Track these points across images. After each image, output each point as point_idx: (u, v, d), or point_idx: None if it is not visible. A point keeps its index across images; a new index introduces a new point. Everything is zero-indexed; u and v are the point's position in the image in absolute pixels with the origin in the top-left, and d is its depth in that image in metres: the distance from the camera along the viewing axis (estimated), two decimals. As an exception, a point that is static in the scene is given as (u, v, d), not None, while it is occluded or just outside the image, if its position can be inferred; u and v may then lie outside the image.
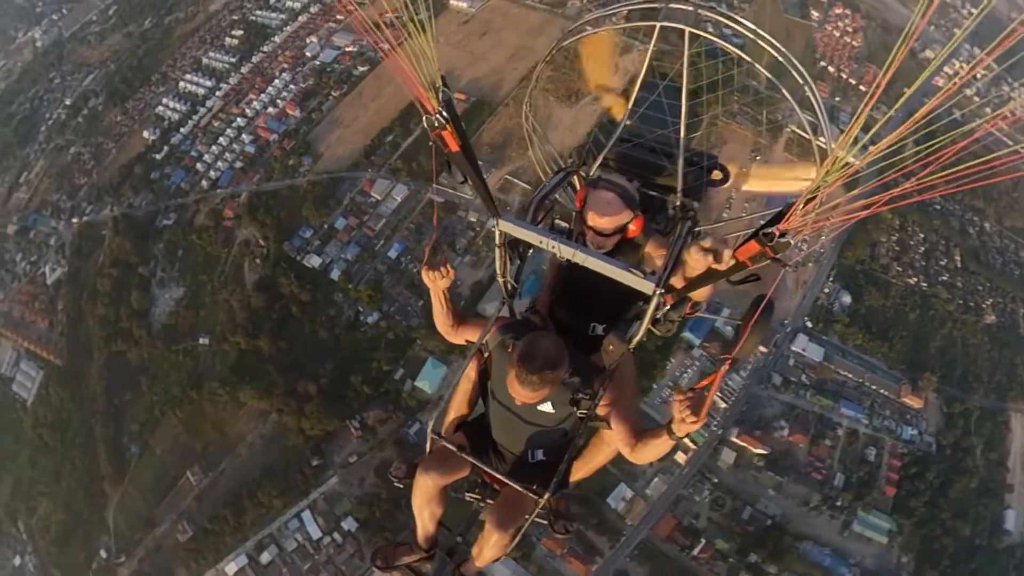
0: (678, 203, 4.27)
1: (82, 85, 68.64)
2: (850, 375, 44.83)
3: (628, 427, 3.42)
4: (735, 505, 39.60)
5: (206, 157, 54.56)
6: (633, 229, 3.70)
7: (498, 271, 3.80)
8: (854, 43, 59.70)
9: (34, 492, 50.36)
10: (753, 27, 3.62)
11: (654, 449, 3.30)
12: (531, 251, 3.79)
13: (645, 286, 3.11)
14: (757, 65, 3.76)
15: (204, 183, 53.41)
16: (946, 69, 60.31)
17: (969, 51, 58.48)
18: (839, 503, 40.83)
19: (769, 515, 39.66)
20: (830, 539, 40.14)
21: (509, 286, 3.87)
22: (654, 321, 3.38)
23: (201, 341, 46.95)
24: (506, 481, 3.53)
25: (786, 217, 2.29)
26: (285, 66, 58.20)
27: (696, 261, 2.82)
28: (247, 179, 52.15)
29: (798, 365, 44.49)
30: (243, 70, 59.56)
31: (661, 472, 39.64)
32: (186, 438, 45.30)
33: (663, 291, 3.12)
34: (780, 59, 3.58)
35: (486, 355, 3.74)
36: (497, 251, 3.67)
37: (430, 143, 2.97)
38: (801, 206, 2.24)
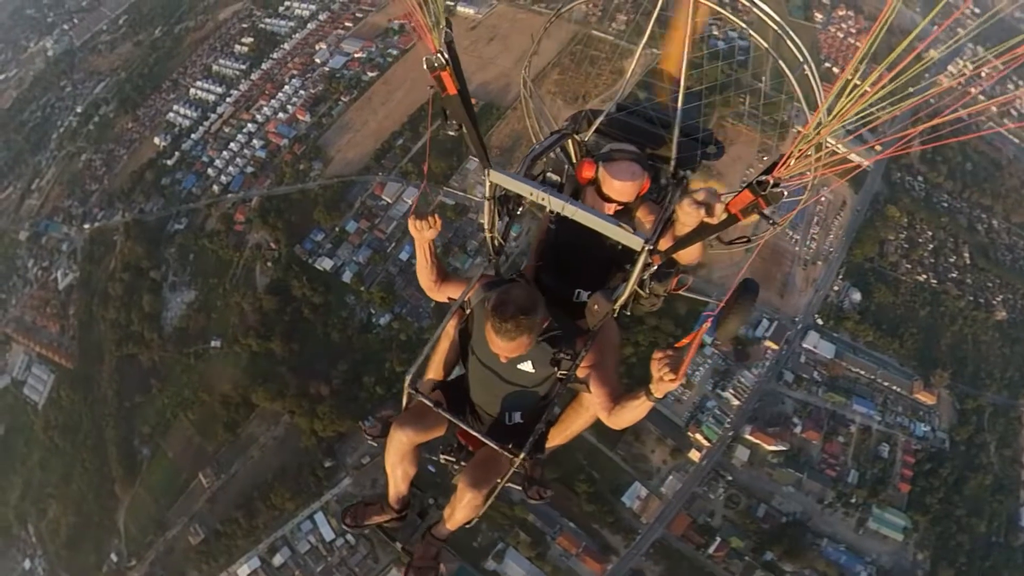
0: (671, 173, 4.21)
1: (93, 93, 69.35)
2: (862, 372, 44.65)
3: (608, 390, 3.36)
4: (750, 503, 39.31)
5: (217, 162, 54.94)
6: (642, 191, 3.70)
7: (486, 226, 3.71)
8: (858, 44, 60.22)
9: (44, 495, 50.18)
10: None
11: (632, 412, 3.22)
12: (520, 210, 3.71)
13: (634, 241, 3.07)
14: (755, 35, 3.72)
15: (215, 188, 53.76)
16: (950, 68, 60.93)
17: (973, 49, 59.10)
18: (853, 500, 40.53)
19: (784, 512, 39.37)
20: (845, 536, 39.83)
21: (496, 243, 3.78)
22: (640, 287, 3.35)
23: (213, 344, 46.97)
24: (482, 440, 3.47)
25: (779, 165, 2.30)
26: (295, 72, 58.76)
27: (688, 215, 2.82)
28: (258, 184, 52.47)
29: (810, 362, 44.34)
30: (253, 77, 60.15)
31: (676, 470, 39.44)
32: (198, 440, 45.20)
33: (652, 247, 3.08)
34: (777, 30, 3.46)
35: (468, 312, 3.68)
36: (486, 204, 3.58)
37: (430, 87, 2.91)
38: (796, 155, 2.25)
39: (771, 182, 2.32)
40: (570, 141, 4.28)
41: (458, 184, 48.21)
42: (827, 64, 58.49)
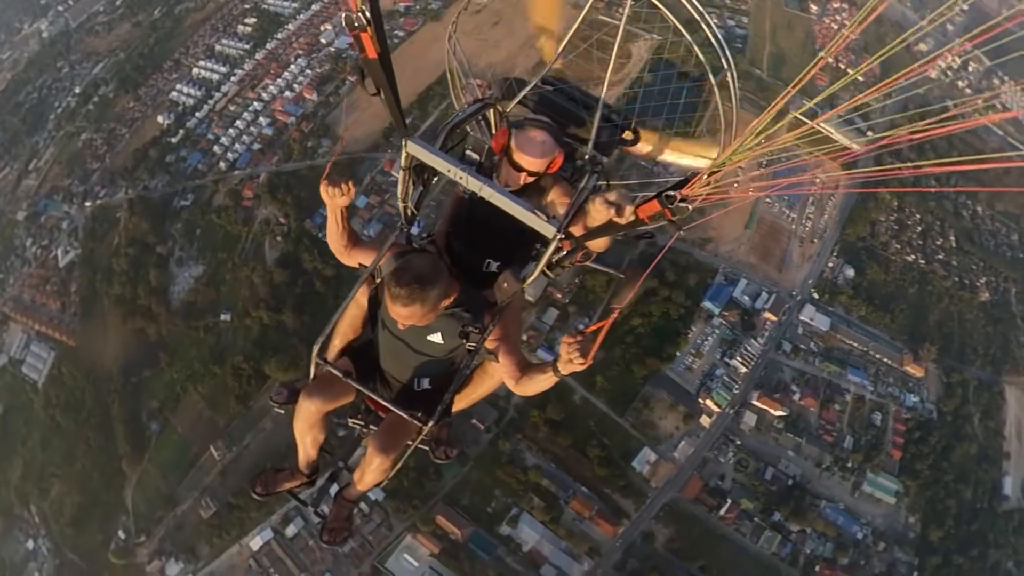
0: (588, 155, 4.16)
1: (92, 74, 67.43)
2: (855, 344, 45.87)
3: (514, 360, 3.40)
4: (758, 466, 40.20)
5: (223, 140, 53.88)
6: (551, 169, 3.65)
7: (399, 195, 3.61)
8: (851, 35, 61.54)
9: (47, 474, 48.85)
10: None
11: (537, 384, 3.27)
12: (435, 179, 3.59)
13: (547, 229, 3.08)
14: (683, 31, 3.68)
15: (222, 165, 52.71)
16: (939, 61, 62.47)
17: (962, 45, 60.58)
18: (849, 464, 41.81)
19: (790, 475, 40.36)
20: (842, 499, 41.05)
21: (409, 212, 3.69)
22: (549, 265, 3.35)
23: (223, 317, 46.17)
24: (391, 408, 3.46)
25: (689, 184, 2.39)
26: (300, 52, 57.89)
27: (599, 212, 2.86)
28: (266, 160, 51.65)
29: (806, 333, 45.45)
30: (257, 56, 59.04)
31: (687, 435, 40.06)
32: (209, 414, 44.47)
33: (563, 236, 3.09)
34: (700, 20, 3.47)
35: (378, 281, 3.59)
36: (401, 173, 3.49)
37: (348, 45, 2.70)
38: (704, 177, 2.33)
39: (678, 198, 2.42)
40: (492, 111, 4.20)
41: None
42: (821, 54, 59.84)
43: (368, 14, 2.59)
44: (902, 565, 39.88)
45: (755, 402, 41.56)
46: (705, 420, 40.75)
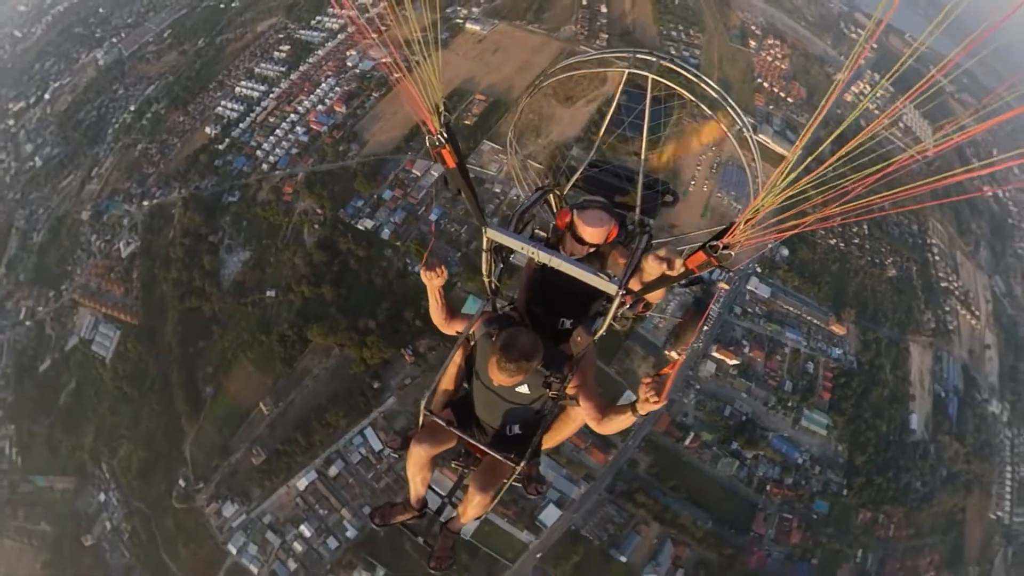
0: (636, 219, 4.11)
1: (144, 94, 65.67)
2: (791, 308, 47.30)
3: (594, 404, 3.33)
4: (716, 405, 41.11)
5: (264, 146, 52.99)
6: (611, 236, 3.61)
7: (484, 272, 3.61)
8: (782, 66, 63.46)
9: (115, 436, 47.44)
10: (704, 78, 3.46)
11: (619, 423, 3.21)
12: (512, 257, 3.59)
13: (609, 287, 3.02)
14: (704, 107, 3.67)
15: (264, 166, 51.79)
16: (853, 88, 64.69)
17: (871, 76, 63.14)
18: (790, 404, 42.99)
19: (743, 412, 41.45)
20: (785, 431, 42.13)
21: (493, 285, 3.70)
22: (615, 318, 3.29)
23: (268, 294, 45.38)
24: (487, 451, 3.42)
25: (729, 233, 2.33)
26: (330, 73, 57.30)
27: (652, 268, 2.87)
28: (302, 162, 50.96)
29: (752, 300, 46.75)
30: (292, 77, 58.25)
31: (658, 364, 40.71)
32: (257, 376, 43.71)
33: (624, 292, 3.03)
34: (723, 102, 3.46)
35: (472, 344, 3.59)
36: (484, 255, 3.49)
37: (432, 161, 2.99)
38: (742, 225, 2.28)
39: (721, 246, 2.36)
40: (551, 196, 4.17)
41: (475, 161, 48.39)
42: (759, 80, 61.72)
43: (445, 135, 2.76)
44: (834, 484, 41.16)
45: (715, 354, 42.62)
46: (675, 354, 41.43)
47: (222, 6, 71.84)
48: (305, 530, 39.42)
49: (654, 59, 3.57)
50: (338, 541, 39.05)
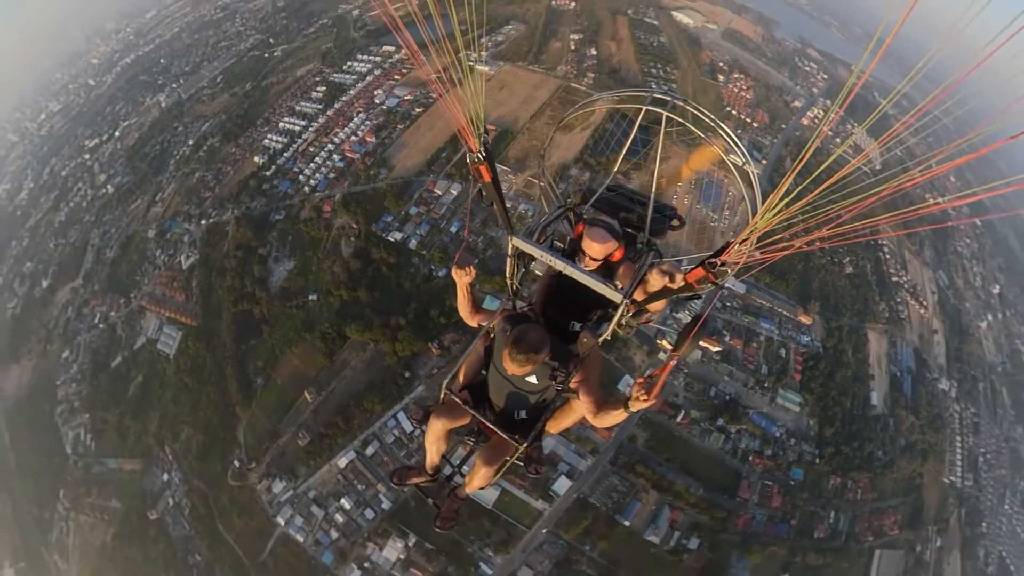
0: (646, 239, 4.07)
1: (200, 130, 66.49)
2: (764, 302, 47.37)
3: (593, 399, 3.30)
4: (703, 387, 40.92)
5: (306, 171, 53.50)
6: (616, 256, 3.56)
7: (507, 275, 3.58)
8: (747, 96, 64.42)
9: (177, 422, 47.16)
10: (720, 123, 3.40)
11: (612, 417, 3.15)
12: (533, 263, 3.54)
13: (616, 296, 3.01)
14: (715, 145, 3.64)
15: (306, 189, 52.21)
16: (809, 112, 65.35)
17: (824, 102, 63.80)
18: (766, 384, 42.89)
19: (727, 392, 41.22)
20: (763, 408, 41.96)
21: (514, 287, 3.66)
22: (619, 324, 3.25)
23: (311, 298, 45.37)
24: (495, 430, 3.39)
25: (725, 252, 2.32)
26: (360, 109, 58.10)
27: (656, 281, 2.85)
28: (339, 184, 51.40)
29: (730, 295, 46.70)
30: (328, 113, 59.03)
31: (651, 366, 40.66)
32: (302, 368, 43.55)
33: (629, 301, 3.01)
34: (732, 144, 3.41)
35: (492, 336, 3.59)
36: (508, 260, 3.47)
37: (469, 176, 2.95)
38: (737, 245, 2.26)
39: (719, 263, 2.36)
40: (572, 212, 4.12)
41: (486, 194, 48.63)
42: (728, 109, 62.52)
43: (483, 153, 2.76)
44: (807, 454, 40.91)
45: (699, 343, 42.19)
46: (662, 355, 41.54)
47: (266, 55, 73.08)
48: (345, 503, 39.00)
49: (668, 99, 3.54)
50: (374, 512, 38.60)
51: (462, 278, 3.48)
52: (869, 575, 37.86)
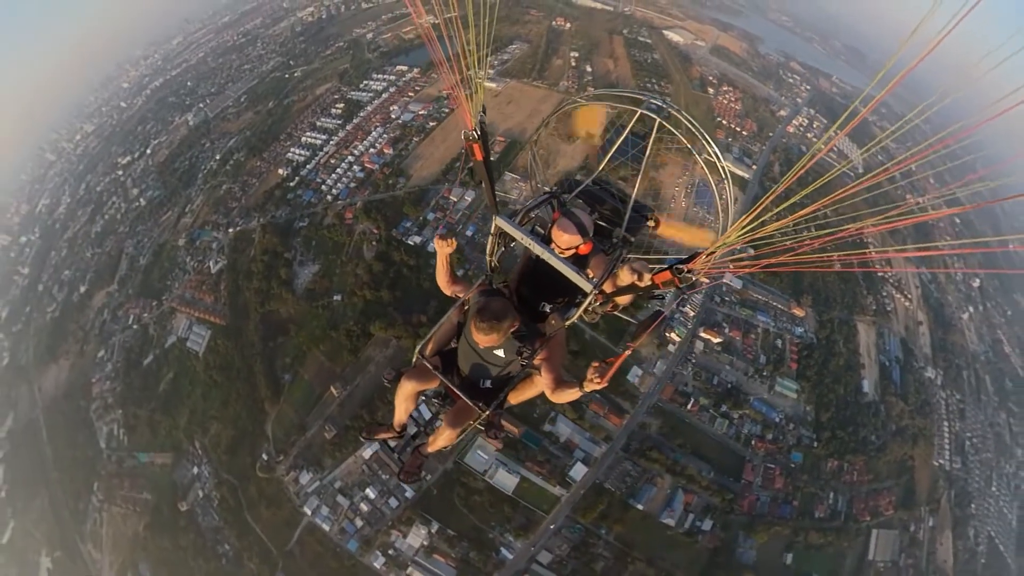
0: (621, 235, 4.05)
1: (227, 146, 66.95)
2: (760, 296, 47.47)
3: (552, 376, 3.35)
4: (708, 376, 40.90)
5: (328, 181, 53.82)
6: (583, 251, 3.46)
7: (487, 252, 3.63)
8: (736, 107, 65.29)
9: (207, 418, 46.73)
10: (707, 136, 3.38)
11: (567, 395, 3.21)
12: (512, 244, 3.51)
13: (586, 286, 3.04)
14: (697, 155, 3.63)
15: (328, 198, 52.47)
16: (794, 121, 66.12)
17: (808, 111, 64.59)
18: (765, 373, 42.92)
19: (729, 381, 41.16)
20: (763, 395, 41.91)
21: (493, 264, 3.70)
22: (585, 311, 3.28)
23: (335, 298, 45.32)
24: (461, 395, 3.44)
25: (694, 260, 2.40)
26: (378, 124, 58.66)
27: (625, 276, 2.86)
28: (360, 193, 51.70)
29: (728, 290, 47.01)
30: (347, 127, 59.58)
31: (661, 357, 40.66)
32: (328, 364, 43.36)
33: (597, 291, 3.04)
34: (715, 158, 3.36)
35: (466, 308, 3.61)
36: (491, 238, 3.51)
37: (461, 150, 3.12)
38: (705, 256, 2.32)
39: (685, 270, 2.41)
40: (555, 200, 4.07)
41: (499, 188, 48.96)
42: (718, 119, 63.32)
43: (479, 132, 2.78)
44: (805, 438, 40.82)
45: (702, 334, 42.59)
46: (671, 347, 41.58)
47: (286, 76, 73.96)
48: (370, 492, 38.63)
49: (664, 106, 3.58)
50: (398, 501, 38.19)
51: (443, 248, 3.55)
52: (867, 553, 37.52)
